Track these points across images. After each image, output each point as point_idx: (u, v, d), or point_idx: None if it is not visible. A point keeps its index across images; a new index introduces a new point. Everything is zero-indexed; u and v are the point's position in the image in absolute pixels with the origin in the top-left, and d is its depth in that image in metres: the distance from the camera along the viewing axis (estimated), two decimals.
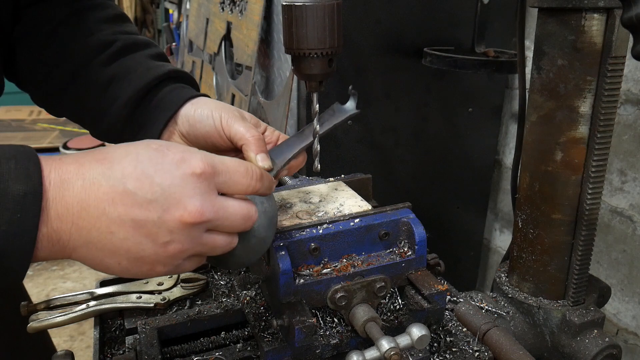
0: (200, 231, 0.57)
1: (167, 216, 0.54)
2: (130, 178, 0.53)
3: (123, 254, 0.55)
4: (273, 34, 1.70)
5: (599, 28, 0.78)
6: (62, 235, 0.52)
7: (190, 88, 0.85)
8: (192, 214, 0.54)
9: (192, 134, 0.80)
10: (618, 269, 1.58)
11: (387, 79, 1.62)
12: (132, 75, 0.83)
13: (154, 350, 0.75)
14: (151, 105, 0.82)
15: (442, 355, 0.80)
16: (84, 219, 0.53)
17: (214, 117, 0.78)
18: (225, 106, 0.80)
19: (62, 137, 3.68)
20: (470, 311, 0.88)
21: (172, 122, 0.81)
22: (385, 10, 1.54)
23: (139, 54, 0.86)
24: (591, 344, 0.88)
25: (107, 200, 0.53)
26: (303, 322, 0.68)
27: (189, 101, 0.81)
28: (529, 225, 0.93)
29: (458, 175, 1.89)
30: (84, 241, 0.53)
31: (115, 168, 0.54)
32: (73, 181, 0.53)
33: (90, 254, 0.55)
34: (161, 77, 0.83)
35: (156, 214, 0.54)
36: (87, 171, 0.53)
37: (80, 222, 0.53)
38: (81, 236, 0.53)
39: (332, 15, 0.70)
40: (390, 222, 0.78)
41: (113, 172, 0.53)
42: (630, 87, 1.45)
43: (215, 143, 0.79)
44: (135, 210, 0.53)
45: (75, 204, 0.52)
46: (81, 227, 0.53)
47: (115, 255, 0.55)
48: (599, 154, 0.84)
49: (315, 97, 0.78)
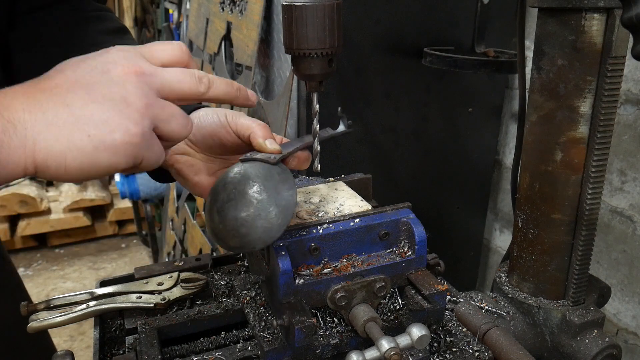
0: (148, 86, 0.57)
1: (110, 74, 0.55)
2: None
3: (86, 123, 0.53)
4: (273, 34, 1.70)
5: (599, 28, 0.78)
6: (17, 123, 0.50)
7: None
8: (130, 66, 0.56)
9: (201, 133, 0.81)
10: (618, 269, 1.57)
11: (387, 79, 1.62)
12: None
13: (154, 351, 0.75)
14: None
15: (442, 355, 0.80)
16: (34, 101, 0.52)
17: (218, 115, 0.80)
18: (223, 107, 0.82)
19: None
20: (470, 311, 0.88)
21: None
22: (385, 10, 1.54)
23: None
24: (591, 344, 0.88)
25: (53, 84, 0.54)
26: (303, 322, 0.68)
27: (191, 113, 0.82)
28: (529, 225, 0.93)
29: (458, 175, 1.89)
30: (42, 125, 0.51)
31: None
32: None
33: (55, 138, 0.52)
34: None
35: (100, 76, 0.55)
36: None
37: (32, 104, 0.52)
38: (37, 119, 0.51)
39: (332, 15, 0.70)
40: (390, 222, 0.78)
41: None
42: (630, 87, 1.45)
43: (222, 139, 0.80)
44: (84, 75, 0.55)
45: (20, 94, 0.52)
46: (34, 109, 0.51)
47: (79, 125, 0.52)
48: (599, 154, 0.84)
49: (315, 97, 0.78)
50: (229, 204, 0.68)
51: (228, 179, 0.71)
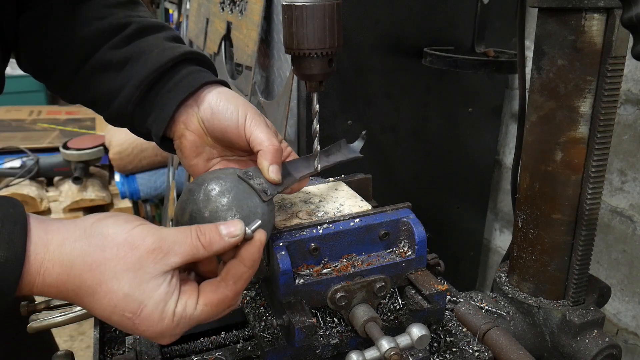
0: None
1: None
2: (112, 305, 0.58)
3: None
4: (273, 34, 1.70)
5: (599, 28, 0.78)
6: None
7: (208, 72, 0.83)
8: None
9: (212, 124, 0.78)
10: (618, 269, 1.57)
11: (387, 79, 1.62)
12: (146, 56, 0.80)
13: (154, 350, 0.75)
14: (165, 87, 0.80)
15: (442, 355, 0.80)
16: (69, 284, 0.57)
17: (239, 114, 0.76)
18: (251, 107, 0.78)
19: (62, 137, 3.67)
20: (470, 311, 0.88)
21: (191, 105, 0.79)
22: (385, 10, 1.54)
23: (154, 36, 0.84)
24: (591, 344, 0.88)
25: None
26: (303, 322, 0.68)
27: (206, 86, 0.79)
28: (529, 225, 0.93)
29: (458, 175, 1.89)
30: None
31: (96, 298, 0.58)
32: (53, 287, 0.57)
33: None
34: (176, 59, 0.80)
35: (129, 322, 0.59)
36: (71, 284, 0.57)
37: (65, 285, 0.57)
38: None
39: (332, 15, 0.70)
40: (390, 222, 0.78)
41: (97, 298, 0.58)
42: (630, 87, 1.45)
43: (232, 139, 0.77)
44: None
45: (53, 285, 0.57)
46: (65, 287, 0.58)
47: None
48: (599, 154, 0.83)
49: (315, 97, 0.78)
50: (190, 204, 0.69)
51: (204, 187, 0.69)
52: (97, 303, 0.57)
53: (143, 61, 0.80)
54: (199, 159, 0.81)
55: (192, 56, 0.82)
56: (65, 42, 0.84)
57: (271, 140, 0.74)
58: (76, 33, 0.83)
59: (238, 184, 0.70)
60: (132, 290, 0.57)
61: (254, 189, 0.70)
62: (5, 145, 3.49)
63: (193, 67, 0.81)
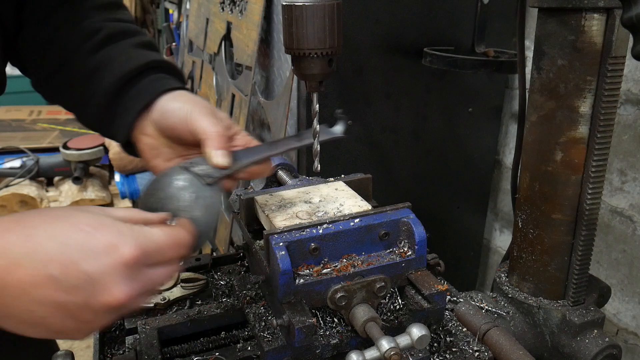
0: (124, 309, 0.57)
1: (92, 300, 0.54)
2: (55, 263, 0.53)
3: (43, 328, 0.55)
4: (273, 34, 1.70)
5: (599, 28, 0.78)
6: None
7: (172, 79, 0.84)
8: (119, 299, 0.55)
9: (161, 124, 0.80)
10: (618, 269, 1.57)
11: (387, 79, 1.62)
12: (113, 64, 0.82)
13: (154, 350, 0.75)
14: (128, 95, 0.81)
15: (442, 355, 0.80)
16: (3, 297, 0.53)
17: (184, 109, 0.77)
18: (199, 102, 0.79)
19: (62, 137, 3.68)
20: (470, 311, 0.88)
21: (147, 112, 0.81)
22: (385, 10, 1.54)
23: (124, 42, 0.85)
24: (591, 344, 0.88)
25: (28, 282, 0.52)
26: (303, 322, 0.68)
27: (166, 93, 0.81)
28: (529, 225, 0.93)
29: (458, 175, 1.89)
30: (3, 314, 0.54)
31: (39, 251, 0.53)
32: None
33: (11, 326, 0.55)
34: (141, 68, 0.82)
35: (81, 299, 0.54)
36: (11, 249, 0.53)
37: (0, 298, 0.53)
38: (0, 310, 0.53)
39: (332, 15, 0.70)
40: (390, 222, 0.78)
41: (37, 254, 0.53)
42: (630, 87, 1.45)
43: (181, 136, 0.78)
44: (59, 294, 0.53)
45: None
46: (0, 303, 0.53)
47: (36, 327, 0.55)
48: (599, 154, 0.84)
49: (315, 97, 0.78)
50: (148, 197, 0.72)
51: (148, 184, 0.73)
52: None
53: (109, 70, 0.82)
54: (158, 160, 0.82)
55: (157, 64, 0.84)
56: (52, 38, 0.86)
57: (214, 127, 0.75)
58: (62, 31, 0.85)
59: (178, 176, 0.72)
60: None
61: (197, 175, 0.72)
62: (5, 145, 3.49)
63: (156, 75, 0.83)
